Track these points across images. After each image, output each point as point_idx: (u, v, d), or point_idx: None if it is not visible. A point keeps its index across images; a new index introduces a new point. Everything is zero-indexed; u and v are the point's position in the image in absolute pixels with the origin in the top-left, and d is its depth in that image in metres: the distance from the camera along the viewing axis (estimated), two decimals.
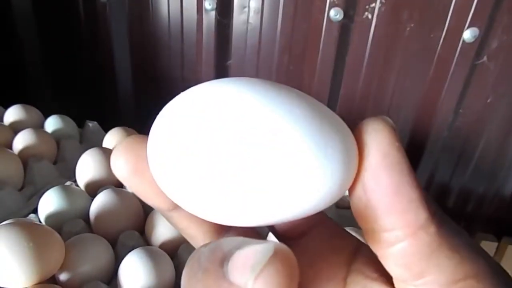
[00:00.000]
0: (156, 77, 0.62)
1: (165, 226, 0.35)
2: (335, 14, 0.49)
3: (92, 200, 0.37)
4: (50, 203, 0.37)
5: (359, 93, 0.54)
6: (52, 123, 0.51)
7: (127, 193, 0.37)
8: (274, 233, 0.16)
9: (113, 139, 0.48)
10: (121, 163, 0.13)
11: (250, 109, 0.11)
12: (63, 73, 0.67)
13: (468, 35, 0.47)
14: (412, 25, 0.49)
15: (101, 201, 0.36)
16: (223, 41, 0.56)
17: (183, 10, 0.56)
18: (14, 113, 0.50)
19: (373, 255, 0.13)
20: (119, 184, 0.40)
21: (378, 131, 0.12)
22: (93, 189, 0.40)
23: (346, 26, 0.50)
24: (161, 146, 0.11)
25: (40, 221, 0.37)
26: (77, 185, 0.42)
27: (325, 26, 0.50)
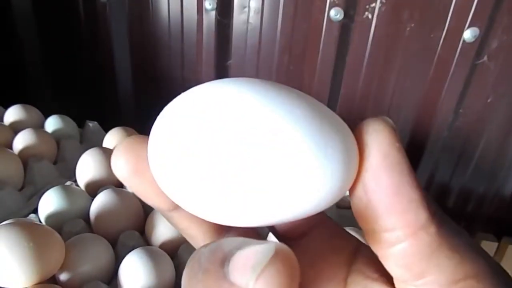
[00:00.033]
0: (156, 77, 0.62)
1: (165, 226, 0.35)
2: (335, 14, 0.49)
3: (92, 200, 0.37)
4: (50, 203, 0.37)
5: (359, 93, 0.54)
6: (52, 123, 0.51)
7: (127, 193, 0.37)
8: (274, 233, 0.16)
9: (113, 139, 0.48)
10: (121, 163, 0.13)
11: (250, 109, 0.11)
12: (63, 73, 0.67)
13: (468, 35, 0.47)
14: (412, 25, 0.49)
15: (101, 201, 0.36)
16: (223, 41, 0.56)
17: (183, 10, 0.56)
18: (14, 113, 0.50)
19: (374, 255, 0.13)
20: (119, 184, 0.40)
21: (379, 131, 0.12)
22: (93, 189, 0.40)
23: (346, 26, 0.50)
24: (162, 146, 0.11)
25: (40, 221, 0.37)
26: (77, 185, 0.42)
27: (325, 26, 0.50)
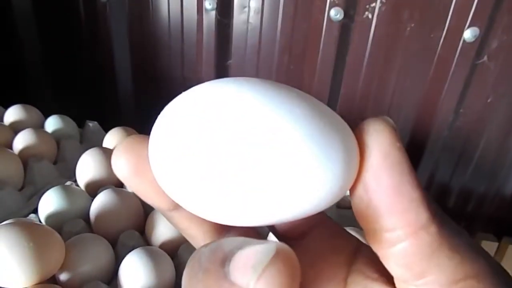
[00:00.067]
0: (156, 77, 0.62)
1: (165, 226, 0.35)
2: (336, 13, 0.49)
3: (92, 200, 0.37)
4: (50, 203, 0.37)
5: (360, 93, 0.54)
6: (52, 123, 0.51)
7: (127, 193, 0.37)
8: (274, 233, 0.16)
9: (113, 139, 0.48)
10: (122, 163, 0.13)
11: (250, 108, 0.11)
12: (63, 73, 0.67)
13: (469, 35, 0.47)
14: (412, 24, 0.49)
15: (101, 201, 0.36)
16: (223, 41, 0.56)
17: (183, 10, 0.56)
18: (14, 113, 0.50)
19: (374, 255, 0.13)
20: (119, 184, 0.40)
21: (379, 131, 0.12)
22: (93, 189, 0.40)
23: (346, 26, 0.50)
24: (162, 145, 0.11)
25: (40, 221, 0.37)
26: (77, 185, 0.42)
27: (325, 26, 0.50)
